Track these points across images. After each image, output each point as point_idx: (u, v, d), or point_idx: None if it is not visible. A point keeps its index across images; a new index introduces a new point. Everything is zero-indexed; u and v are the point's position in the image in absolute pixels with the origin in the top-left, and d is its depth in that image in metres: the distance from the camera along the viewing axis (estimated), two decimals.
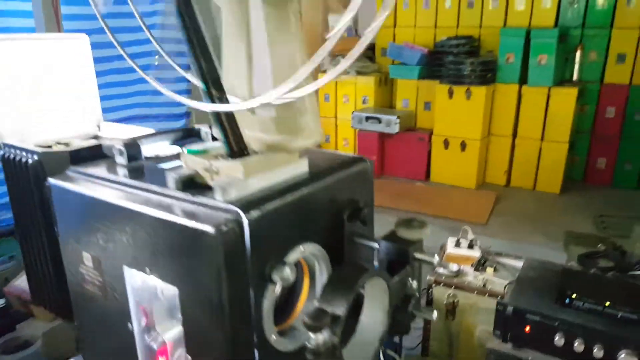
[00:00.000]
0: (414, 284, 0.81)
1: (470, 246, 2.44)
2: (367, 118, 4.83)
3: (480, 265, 2.32)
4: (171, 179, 0.75)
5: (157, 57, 3.30)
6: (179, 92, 2.92)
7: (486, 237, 2.84)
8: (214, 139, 1.06)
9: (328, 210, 0.83)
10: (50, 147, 1.07)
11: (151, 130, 1.09)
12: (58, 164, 0.91)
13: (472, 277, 2.22)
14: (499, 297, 2.08)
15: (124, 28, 3.05)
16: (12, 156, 0.96)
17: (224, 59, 0.80)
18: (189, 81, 3.30)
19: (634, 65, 4.12)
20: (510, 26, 4.52)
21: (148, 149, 0.96)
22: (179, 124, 4.03)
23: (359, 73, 5.06)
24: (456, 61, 4.50)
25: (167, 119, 3.94)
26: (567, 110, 4.16)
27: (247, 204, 0.69)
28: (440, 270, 2.17)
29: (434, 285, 2.16)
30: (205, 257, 0.67)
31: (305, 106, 0.77)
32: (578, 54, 4.22)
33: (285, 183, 0.78)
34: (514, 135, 4.51)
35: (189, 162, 0.77)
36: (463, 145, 4.54)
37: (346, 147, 5.29)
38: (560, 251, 3.28)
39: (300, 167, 0.82)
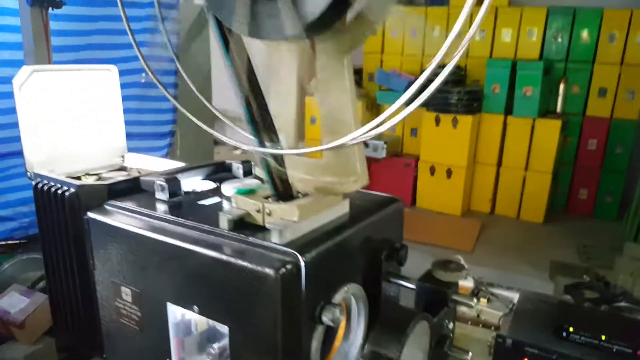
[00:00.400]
0: (450, 325, 0.84)
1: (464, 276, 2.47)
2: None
3: (474, 296, 2.36)
4: (224, 218, 0.76)
5: (143, 74, 3.31)
6: (164, 110, 2.92)
7: (473, 266, 2.88)
8: (245, 174, 1.08)
9: (367, 250, 0.85)
10: (79, 178, 1.07)
11: (180, 164, 1.10)
12: (95, 198, 0.92)
13: (465, 307, 2.25)
14: (493, 327, 2.11)
15: (111, 45, 3.05)
16: (45, 187, 0.96)
17: (272, 101, 0.83)
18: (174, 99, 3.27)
19: (615, 99, 4.28)
20: (496, 57, 4.65)
21: (183, 184, 0.97)
22: (164, 142, 4.02)
23: None
24: (443, 90, 4.60)
25: (152, 138, 3.93)
26: (551, 142, 4.28)
27: (302, 246, 0.71)
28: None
29: None
30: (262, 298, 0.69)
31: (353, 150, 0.80)
32: (562, 86, 4.36)
33: (332, 224, 0.81)
34: (499, 164, 4.61)
35: (240, 203, 0.79)
36: (449, 172, 4.62)
37: None
38: (546, 281, 3.35)
39: (343, 208, 0.84)
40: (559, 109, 4.41)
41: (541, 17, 4.44)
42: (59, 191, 0.93)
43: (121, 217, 0.86)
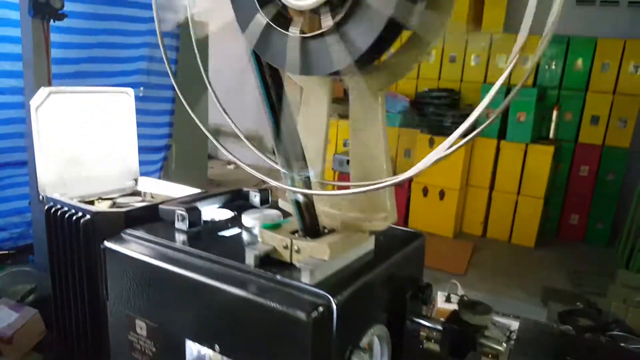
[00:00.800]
0: None
1: None
2: (349, 161, 4.87)
3: None
4: (250, 254, 0.74)
5: (141, 88, 3.29)
6: (161, 124, 2.92)
7: (465, 289, 2.87)
8: (263, 202, 1.06)
9: (392, 289, 0.83)
10: (92, 202, 1.04)
11: (195, 190, 1.08)
12: (111, 225, 0.89)
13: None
14: (490, 356, 2.09)
15: (111, 58, 3.04)
16: (59, 212, 0.93)
17: (302, 134, 0.81)
18: (171, 114, 3.31)
19: (607, 127, 4.34)
20: (490, 82, 4.70)
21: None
22: (159, 156, 4.00)
23: (340, 117, 5.12)
24: (437, 112, 4.64)
25: (147, 151, 3.91)
26: (543, 167, 4.31)
27: (333, 287, 0.69)
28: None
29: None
30: (291, 341, 0.66)
31: None
32: (555, 113, 4.41)
33: (358, 262, 0.79)
34: (491, 187, 4.63)
35: (266, 238, 0.77)
36: (442, 194, 4.63)
37: None
38: (539, 306, 3.35)
39: (368, 245, 0.83)
40: (551, 135, 4.46)
41: (535, 44, 4.44)
42: (74, 217, 0.90)
43: (139, 248, 0.84)
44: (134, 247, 0.84)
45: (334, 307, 0.67)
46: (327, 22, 0.59)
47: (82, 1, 2.74)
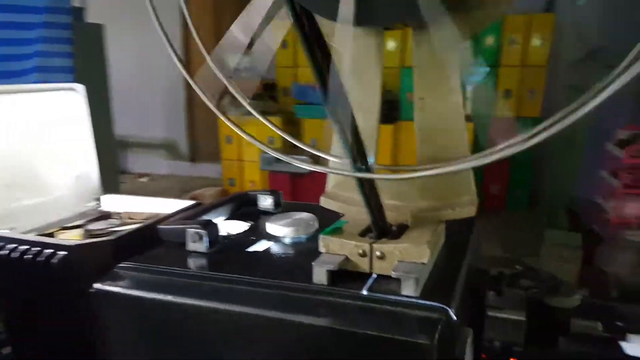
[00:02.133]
0: None
1: None
2: (277, 159, 4.68)
3: None
4: (320, 270, 0.56)
5: None
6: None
7: None
8: (277, 205, 0.88)
9: (474, 284, 0.70)
10: (51, 235, 0.80)
11: (182, 202, 0.87)
12: (95, 261, 0.66)
13: None
14: None
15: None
16: (15, 254, 0.68)
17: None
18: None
19: (519, 99, 4.54)
20: (408, 66, 4.74)
21: None
22: None
23: (263, 113, 4.93)
24: None
25: None
26: None
27: (442, 296, 0.54)
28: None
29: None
30: None
31: None
32: (469, 90, 4.53)
33: (441, 259, 0.64)
34: None
35: (333, 246, 0.59)
36: None
37: (253, 188, 5.08)
38: None
39: (442, 237, 0.68)
40: (469, 111, 4.58)
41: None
42: (40, 258, 0.66)
43: (151, 285, 0.62)
44: (142, 285, 0.62)
45: (454, 319, 0.51)
46: None
47: None
